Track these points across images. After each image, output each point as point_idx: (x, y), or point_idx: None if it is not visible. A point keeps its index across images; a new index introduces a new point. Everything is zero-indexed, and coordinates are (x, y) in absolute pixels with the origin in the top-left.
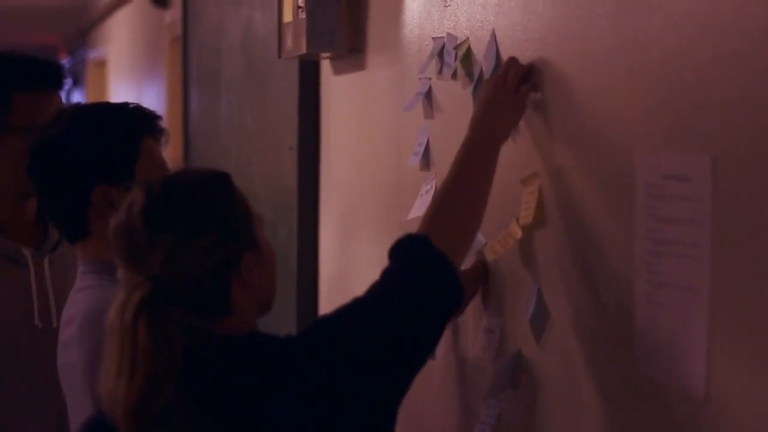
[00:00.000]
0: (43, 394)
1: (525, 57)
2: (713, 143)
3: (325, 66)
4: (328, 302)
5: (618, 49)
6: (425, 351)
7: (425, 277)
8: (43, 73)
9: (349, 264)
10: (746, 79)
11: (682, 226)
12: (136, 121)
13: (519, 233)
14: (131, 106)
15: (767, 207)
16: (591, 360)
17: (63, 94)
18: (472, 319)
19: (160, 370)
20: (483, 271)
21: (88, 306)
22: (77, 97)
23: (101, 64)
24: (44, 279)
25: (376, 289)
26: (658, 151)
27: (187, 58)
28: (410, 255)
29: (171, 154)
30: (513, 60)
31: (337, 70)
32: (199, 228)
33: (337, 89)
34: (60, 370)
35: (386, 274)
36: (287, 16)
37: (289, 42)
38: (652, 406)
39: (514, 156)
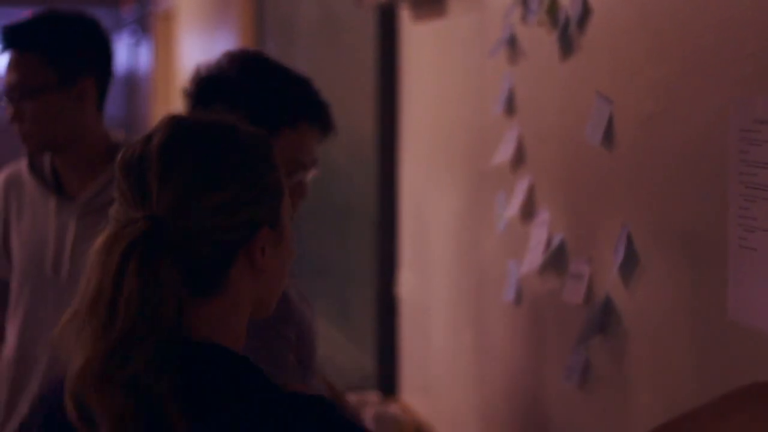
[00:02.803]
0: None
1: (616, 4)
2: None
3: (404, 14)
4: (407, 245)
5: None
6: None
7: None
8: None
9: (428, 208)
10: None
11: None
12: (289, 100)
13: None
14: (300, 85)
15: None
16: (681, 306)
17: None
18: (558, 266)
19: (144, 327)
20: None
21: None
22: (144, 49)
23: (169, 14)
24: (66, 229)
25: None
26: (752, 95)
27: (262, 8)
28: None
29: None
30: None
31: (417, 18)
32: (221, 179)
33: (417, 37)
34: None
35: None
36: None
37: None
38: (745, 353)
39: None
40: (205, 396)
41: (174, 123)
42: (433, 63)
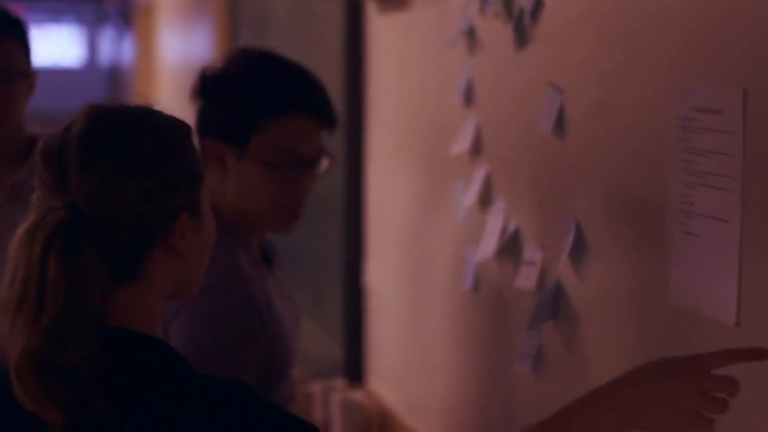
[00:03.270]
0: None
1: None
2: (744, 76)
3: (370, 6)
4: (374, 235)
5: None
6: None
7: None
8: None
9: (392, 198)
10: None
11: (715, 158)
12: (286, 87)
13: None
14: (298, 74)
15: None
16: (627, 291)
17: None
18: (514, 253)
19: (74, 313)
20: None
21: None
22: (127, 41)
23: (149, 7)
24: None
25: None
26: (692, 84)
27: (237, 1)
28: None
29: None
30: (734, 355)
31: (382, 10)
32: (140, 167)
33: (382, 29)
34: None
35: None
36: None
37: None
38: (685, 333)
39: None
40: (126, 383)
41: (94, 112)
42: (398, 54)
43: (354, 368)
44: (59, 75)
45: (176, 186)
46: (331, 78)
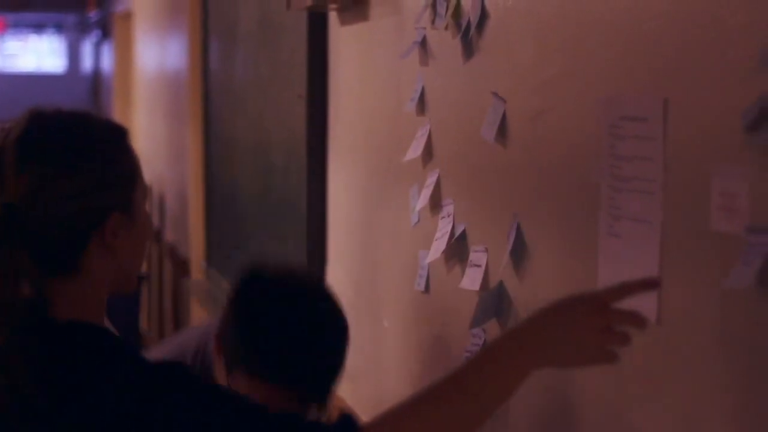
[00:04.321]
0: None
1: (509, 7)
2: (666, 86)
3: (333, 17)
4: (334, 235)
5: (590, 4)
6: None
7: None
8: None
9: (354, 203)
10: (694, 26)
11: (638, 164)
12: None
13: None
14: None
15: (711, 144)
16: (561, 290)
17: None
18: (462, 255)
19: (3, 308)
20: None
21: None
22: (106, 50)
23: (127, 16)
24: None
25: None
26: (620, 94)
27: (207, 11)
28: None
29: (191, 108)
30: (630, 287)
31: (344, 21)
32: (73, 169)
33: (344, 39)
34: None
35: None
36: None
37: None
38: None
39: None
40: (68, 372)
41: (32, 117)
42: (358, 64)
43: None
44: (43, 81)
45: (108, 187)
46: (297, 87)
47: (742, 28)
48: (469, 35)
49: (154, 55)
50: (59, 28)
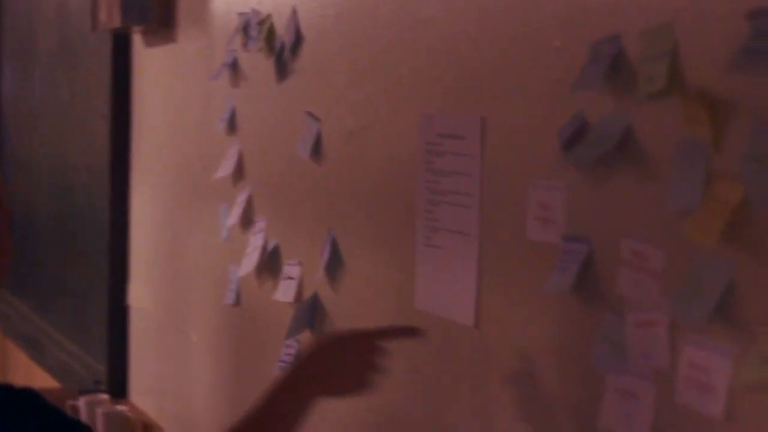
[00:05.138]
0: None
1: (324, 30)
2: (483, 105)
3: (137, 39)
4: (138, 253)
5: (403, 27)
6: None
7: None
8: None
9: (160, 220)
10: (511, 47)
11: (456, 179)
12: None
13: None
14: None
15: (527, 159)
16: (377, 299)
17: None
18: (275, 269)
19: None
20: None
21: None
22: None
23: None
24: None
25: None
26: (437, 113)
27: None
28: None
29: None
30: (395, 331)
31: (149, 43)
32: None
33: (149, 61)
34: None
35: None
36: None
37: (103, 15)
38: (430, 335)
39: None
40: None
41: None
42: (164, 85)
43: (117, 384)
44: None
45: None
46: (99, 108)
47: (558, 51)
48: (284, 57)
49: None
50: None
